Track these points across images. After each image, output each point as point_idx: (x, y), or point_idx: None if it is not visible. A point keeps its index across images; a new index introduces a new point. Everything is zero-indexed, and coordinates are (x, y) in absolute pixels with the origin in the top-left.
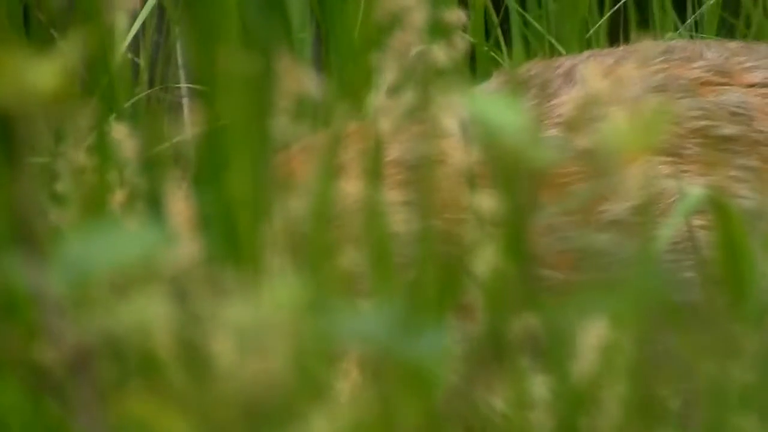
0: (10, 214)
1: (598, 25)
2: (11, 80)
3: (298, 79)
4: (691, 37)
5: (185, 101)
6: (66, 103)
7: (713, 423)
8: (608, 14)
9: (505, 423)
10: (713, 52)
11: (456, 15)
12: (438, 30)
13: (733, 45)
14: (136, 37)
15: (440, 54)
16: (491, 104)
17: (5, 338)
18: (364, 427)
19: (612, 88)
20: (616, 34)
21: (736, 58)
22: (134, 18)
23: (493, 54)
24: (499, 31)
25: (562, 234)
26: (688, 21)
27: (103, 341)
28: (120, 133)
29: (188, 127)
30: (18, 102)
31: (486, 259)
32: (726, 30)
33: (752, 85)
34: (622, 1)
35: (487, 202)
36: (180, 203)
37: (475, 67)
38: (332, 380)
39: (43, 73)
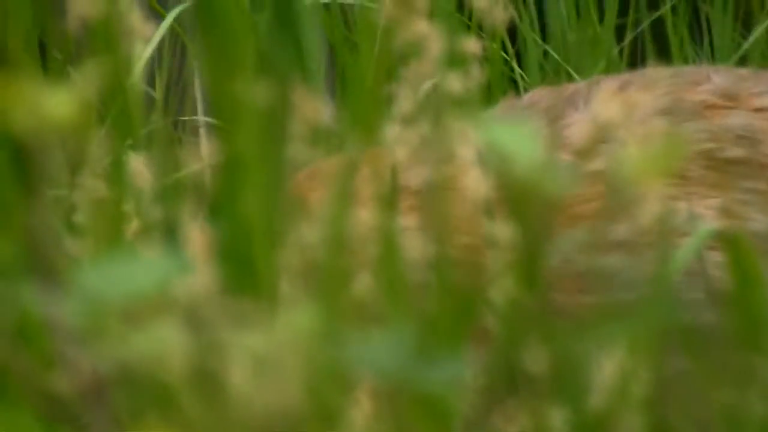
0: (26, 243)
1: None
2: (28, 111)
3: (313, 108)
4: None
5: (201, 130)
6: (82, 133)
7: None
8: (627, 42)
9: None
10: (721, 76)
11: (473, 44)
12: (455, 59)
13: (743, 71)
14: (152, 67)
15: (456, 83)
16: (505, 133)
17: (21, 367)
18: None
19: (623, 113)
20: (634, 64)
21: (744, 83)
22: (150, 48)
23: (509, 83)
24: (515, 61)
25: (575, 258)
26: (704, 47)
27: (119, 370)
28: (136, 162)
29: (204, 156)
30: (34, 132)
31: (501, 288)
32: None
33: (759, 110)
34: (639, 27)
35: (502, 230)
36: (195, 232)
37: (491, 96)
38: (346, 409)
39: (59, 103)
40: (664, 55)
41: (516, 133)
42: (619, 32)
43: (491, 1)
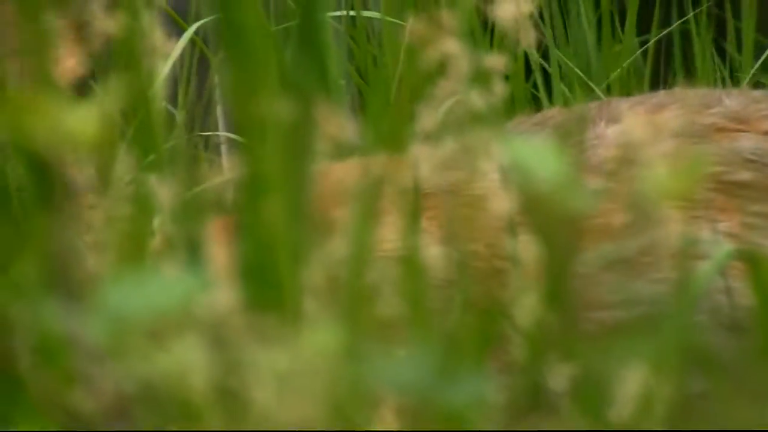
0: (48, 261)
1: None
2: (50, 127)
3: (336, 124)
4: (732, 83)
5: (223, 147)
6: (104, 149)
7: None
8: (650, 56)
9: None
10: (733, 99)
11: (497, 61)
12: (479, 76)
13: (757, 94)
14: (174, 84)
15: (479, 100)
16: (529, 150)
17: (44, 385)
18: None
19: (649, 133)
20: (657, 82)
21: (755, 106)
22: (172, 64)
23: (533, 100)
24: (539, 77)
25: (598, 275)
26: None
27: (141, 388)
28: (158, 179)
29: (227, 172)
30: (56, 149)
31: (526, 306)
32: None
33: None
34: (662, 41)
35: (526, 247)
36: (218, 249)
37: (514, 113)
38: (370, 427)
39: (81, 119)
40: (688, 68)
41: (539, 151)
42: (643, 47)
43: (516, 19)
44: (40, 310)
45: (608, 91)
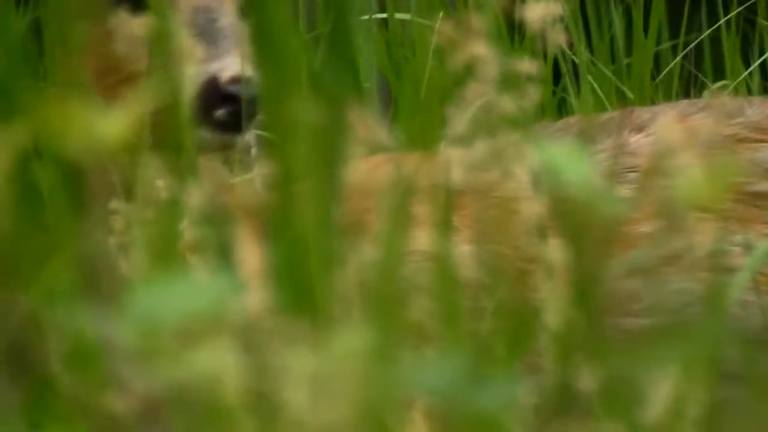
0: (80, 265)
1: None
2: (81, 132)
3: (368, 126)
4: (763, 85)
5: (255, 150)
6: (135, 153)
7: None
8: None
9: None
10: (755, 109)
11: (527, 65)
12: (509, 80)
13: None
14: None
15: (509, 104)
16: (561, 155)
17: (76, 389)
18: None
19: (677, 143)
20: (687, 84)
21: None
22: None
23: (562, 103)
24: (568, 80)
25: (629, 281)
26: (752, 66)
27: (173, 391)
28: (190, 182)
29: (258, 176)
30: (88, 153)
31: (556, 310)
32: None
33: None
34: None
35: (556, 252)
36: (250, 253)
37: (544, 116)
38: (401, 429)
39: (113, 124)
40: (718, 71)
41: (569, 155)
42: (674, 52)
43: (546, 23)
44: (72, 315)
45: (639, 92)
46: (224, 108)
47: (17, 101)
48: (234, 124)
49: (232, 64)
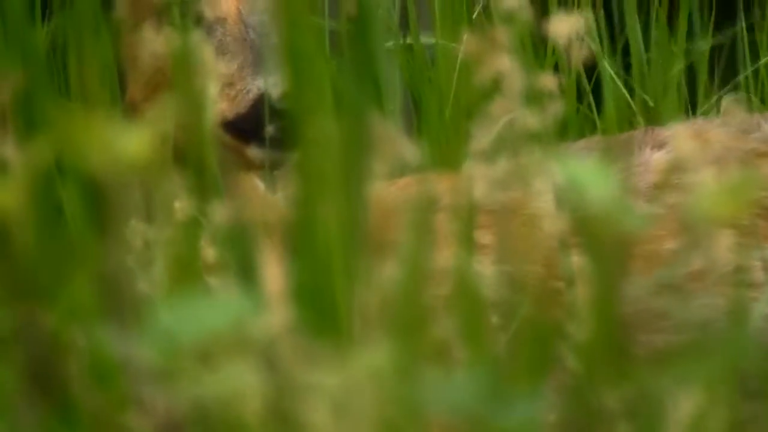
0: (101, 283)
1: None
2: (103, 149)
3: (393, 144)
4: None
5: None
6: (157, 170)
7: None
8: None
9: None
10: None
11: (550, 80)
12: (532, 95)
13: None
14: None
15: (533, 119)
16: (583, 170)
17: (97, 407)
18: None
19: (694, 159)
20: (709, 95)
21: None
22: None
23: (585, 120)
24: (591, 96)
25: (651, 298)
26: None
27: (194, 410)
28: (212, 201)
29: (281, 193)
30: (109, 170)
31: (580, 327)
32: None
33: None
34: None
35: (578, 265)
36: (272, 270)
37: (567, 131)
38: None
39: (134, 141)
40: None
41: (592, 172)
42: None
43: (570, 38)
44: (94, 333)
45: (665, 107)
46: (276, 125)
47: (39, 117)
48: (285, 142)
49: (280, 81)
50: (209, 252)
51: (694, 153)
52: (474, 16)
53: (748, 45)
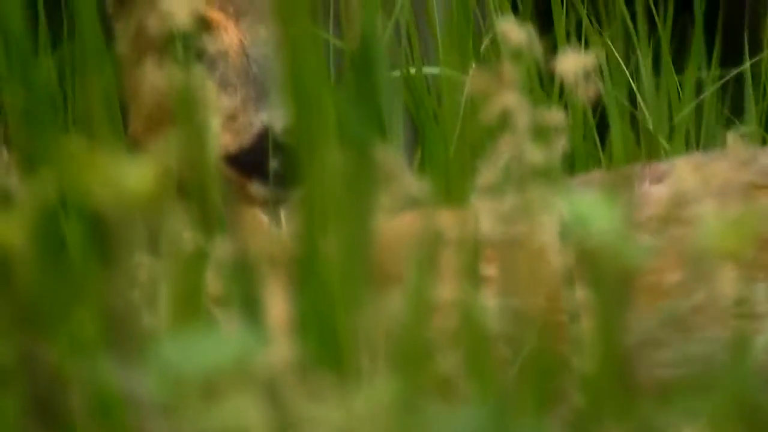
0: (104, 317)
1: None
2: (106, 183)
3: (397, 178)
4: None
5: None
6: (160, 204)
7: None
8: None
9: None
10: (766, 157)
11: (556, 116)
12: (538, 131)
13: None
14: None
15: (538, 154)
16: (587, 205)
17: None
18: None
19: (696, 191)
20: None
21: None
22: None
23: (592, 155)
24: (596, 132)
25: (655, 332)
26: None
27: None
28: (216, 234)
29: (285, 227)
30: (113, 204)
31: (584, 360)
32: None
33: None
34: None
35: (582, 299)
36: (276, 304)
37: (573, 166)
38: None
39: (137, 175)
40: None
41: (597, 206)
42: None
43: (577, 75)
44: (97, 367)
45: (670, 137)
46: (279, 158)
47: (42, 151)
48: (289, 176)
49: (284, 114)
50: (213, 286)
51: (694, 185)
52: (482, 48)
53: (753, 80)
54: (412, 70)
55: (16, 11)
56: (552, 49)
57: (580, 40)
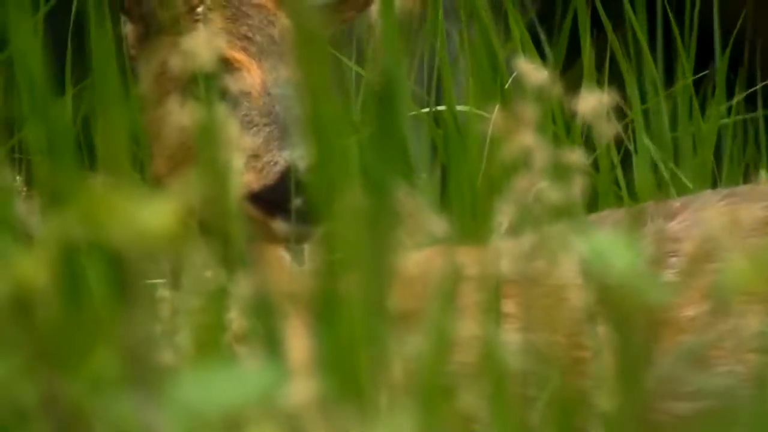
0: (124, 353)
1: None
2: (127, 222)
3: (419, 217)
4: None
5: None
6: (180, 242)
7: None
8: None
9: None
10: None
11: (576, 155)
12: (559, 170)
13: None
14: None
15: (559, 194)
16: (607, 243)
17: None
18: None
19: (729, 227)
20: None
21: None
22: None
23: (615, 194)
24: (619, 170)
25: (677, 368)
26: None
27: None
28: (238, 270)
29: (307, 265)
30: (132, 242)
31: (606, 396)
32: None
33: None
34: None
35: (604, 337)
36: (297, 341)
37: (597, 205)
38: None
39: (158, 213)
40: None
41: (618, 245)
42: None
43: (598, 114)
44: (117, 403)
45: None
46: (302, 197)
47: (64, 190)
48: (311, 214)
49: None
50: (235, 323)
51: (719, 222)
52: (506, 87)
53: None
54: (438, 108)
55: (37, 53)
56: (574, 89)
57: (603, 75)
